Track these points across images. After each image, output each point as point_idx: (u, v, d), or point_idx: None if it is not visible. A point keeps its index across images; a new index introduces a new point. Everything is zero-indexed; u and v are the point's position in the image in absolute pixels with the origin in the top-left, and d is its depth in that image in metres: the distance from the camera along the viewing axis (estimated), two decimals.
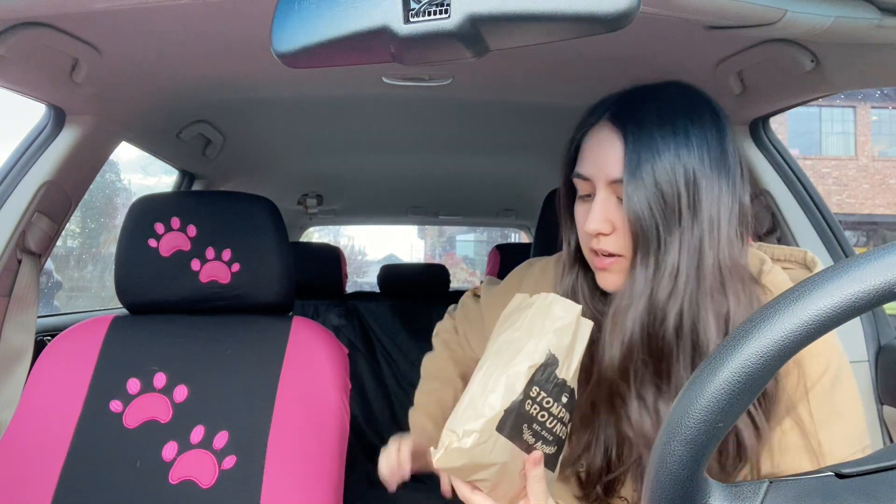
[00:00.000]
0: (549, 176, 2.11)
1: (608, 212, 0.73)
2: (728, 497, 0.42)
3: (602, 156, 0.74)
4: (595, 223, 0.73)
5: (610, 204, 0.73)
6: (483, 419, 0.62)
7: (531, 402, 0.64)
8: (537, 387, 0.64)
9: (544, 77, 1.31)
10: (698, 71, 1.17)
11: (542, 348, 0.65)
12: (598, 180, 0.74)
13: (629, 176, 0.70)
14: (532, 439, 0.65)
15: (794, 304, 0.38)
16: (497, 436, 0.63)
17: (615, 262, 0.74)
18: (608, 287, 0.77)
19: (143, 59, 1.15)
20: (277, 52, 0.58)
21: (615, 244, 0.73)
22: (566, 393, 0.66)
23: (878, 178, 14.52)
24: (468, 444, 0.62)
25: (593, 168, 0.74)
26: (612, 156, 0.72)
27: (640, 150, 0.70)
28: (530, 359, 0.64)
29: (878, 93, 13.07)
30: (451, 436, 0.63)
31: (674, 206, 0.70)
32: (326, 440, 1.06)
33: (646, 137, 0.71)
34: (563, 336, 0.66)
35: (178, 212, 1.16)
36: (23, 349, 1.20)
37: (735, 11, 0.71)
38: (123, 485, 1.01)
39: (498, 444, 0.63)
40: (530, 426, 0.65)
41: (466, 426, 0.63)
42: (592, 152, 0.75)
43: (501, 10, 0.53)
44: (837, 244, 1.31)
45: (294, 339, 1.14)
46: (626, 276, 0.74)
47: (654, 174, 0.70)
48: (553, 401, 0.65)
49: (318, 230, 8.66)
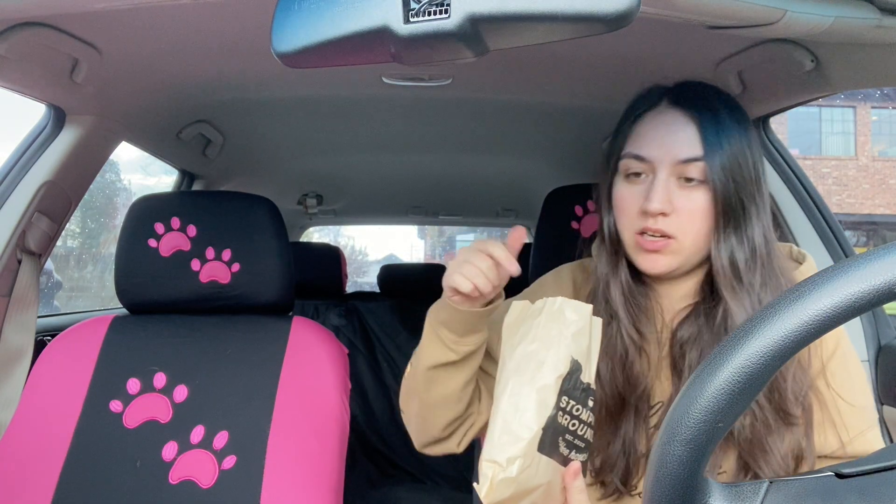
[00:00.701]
0: (549, 176, 2.11)
1: (669, 192, 0.75)
2: (728, 497, 0.42)
3: (670, 137, 0.76)
4: (659, 202, 0.74)
5: (671, 185, 0.75)
6: (524, 442, 0.60)
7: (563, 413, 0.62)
8: (566, 396, 0.62)
9: (544, 77, 1.31)
10: (698, 71, 1.17)
11: (565, 356, 0.63)
12: (661, 162, 0.76)
13: (713, 154, 0.73)
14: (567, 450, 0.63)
15: (794, 304, 0.38)
16: (539, 456, 0.60)
17: (668, 245, 0.75)
18: (656, 270, 0.77)
19: (143, 59, 1.15)
20: (277, 52, 0.58)
21: (672, 225, 0.75)
22: (591, 396, 0.65)
23: (878, 178, 14.52)
24: (514, 472, 0.59)
25: (657, 149, 0.76)
26: (683, 137, 0.75)
27: (717, 130, 0.74)
28: (556, 369, 0.62)
29: (878, 93, 13.06)
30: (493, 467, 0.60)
31: (747, 184, 0.75)
32: (326, 440, 1.06)
33: (721, 119, 0.75)
34: (581, 339, 0.65)
35: (178, 212, 1.16)
36: (23, 349, 1.20)
37: (735, 11, 0.71)
38: (123, 485, 1.01)
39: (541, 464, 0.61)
40: (564, 438, 0.63)
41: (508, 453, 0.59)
42: (656, 134, 0.77)
43: (501, 10, 0.53)
44: (837, 244, 1.31)
45: (294, 339, 1.14)
46: (676, 258, 0.76)
47: (732, 153, 0.74)
48: (582, 407, 0.64)
49: (318, 230, 8.66)
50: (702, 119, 0.75)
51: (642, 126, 0.79)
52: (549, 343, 0.64)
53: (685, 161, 0.75)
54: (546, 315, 0.66)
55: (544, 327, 0.65)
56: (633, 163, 0.78)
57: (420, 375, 0.81)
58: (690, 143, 0.75)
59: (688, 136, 0.75)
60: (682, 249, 0.76)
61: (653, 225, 0.75)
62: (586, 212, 1.30)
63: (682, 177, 0.75)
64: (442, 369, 0.79)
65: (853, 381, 0.78)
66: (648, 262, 0.77)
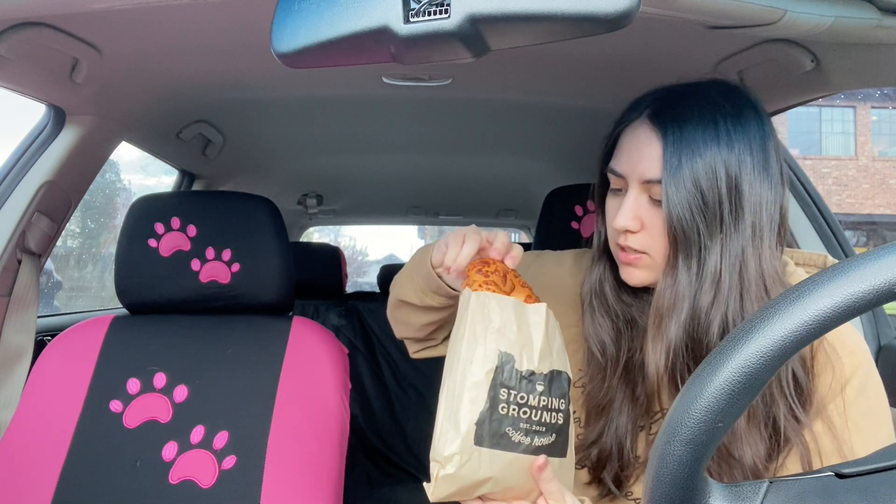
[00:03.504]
0: (549, 176, 2.11)
1: (639, 210, 0.73)
2: (728, 497, 0.42)
3: (637, 154, 0.73)
4: (624, 220, 0.73)
5: (641, 202, 0.73)
6: (459, 439, 0.62)
7: (504, 404, 0.64)
8: (504, 388, 0.64)
9: (544, 77, 1.31)
10: (698, 71, 1.17)
11: (492, 350, 0.65)
12: (631, 178, 0.74)
13: (669, 177, 0.69)
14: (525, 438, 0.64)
15: (794, 304, 0.38)
16: (479, 450, 0.62)
17: (640, 259, 0.75)
18: (631, 281, 0.77)
19: (142, 59, 1.15)
20: (277, 52, 0.58)
21: (641, 242, 0.74)
22: (540, 380, 0.66)
23: (878, 178, 14.52)
24: (452, 469, 0.62)
25: (627, 166, 0.74)
26: (649, 155, 0.72)
27: (680, 151, 0.69)
28: (483, 365, 0.64)
29: (878, 93, 13.07)
30: (435, 466, 0.63)
31: (715, 210, 0.69)
32: (326, 440, 1.06)
33: (687, 138, 0.69)
34: (508, 331, 0.66)
35: (178, 212, 1.16)
36: (23, 349, 1.20)
37: (735, 11, 0.71)
38: (123, 485, 1.01)
39: (483, 457, 0.63)
40: (516, 427, 0.64)
41: (446, 451, 0.62)
42: (628, 150, 0.75)
43: (501, 10, 0.53)
44: (837, 244, 1.31)
45: (294, 339, 1.14)
46: (651, 273, 0.75)
47: (694, 177, 0.68)
48: (527, 394, 0.65)
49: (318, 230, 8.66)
50: (665, 138, 0.71)
51: (622, 140, 0.77)
52: (475, 340, 0.66)
53: (648, 181, 0.72)
54: (472, 311, 0.67)
55: (470, 324, 0.67)
56: (612, 177, 0.77)
57: (392, 294, 0.90)
58: (653, 162, 0.71)
59: (651, 156, 0.72)
60: (656, 265, 0.74)
61: (623, 242, 0.75)
62: (586, 212, 1.30)
63: (651, 196, 0.73)
64: (405, 304, 0.85)
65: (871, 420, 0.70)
66: (626, 274, 0.77)
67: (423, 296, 0.82)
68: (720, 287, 0.69)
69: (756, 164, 0.70)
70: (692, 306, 0.70)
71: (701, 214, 0.69)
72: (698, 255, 0.70)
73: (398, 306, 0.89)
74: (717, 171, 0.69)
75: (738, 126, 0.70)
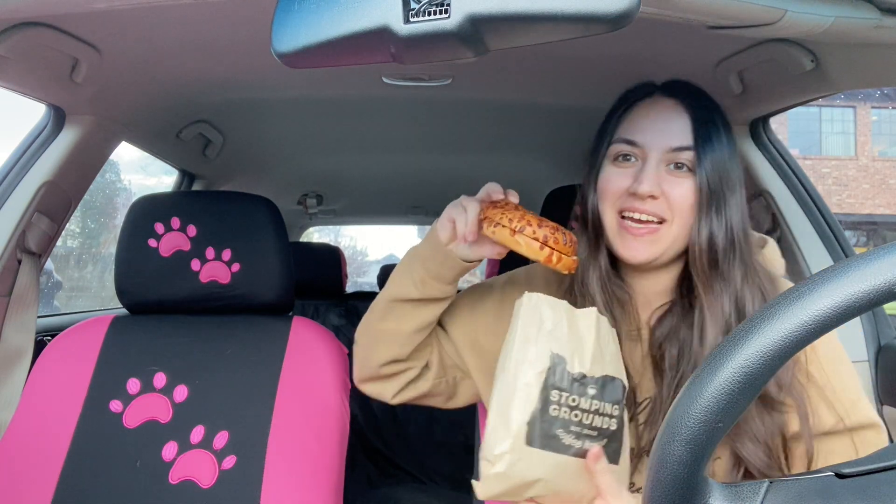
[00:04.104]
0: (549, 176, 2.11)
1: (659, 177, 0.78)
2: (728, 497, 0.42)
3: (662, 125, 0.79)
4: (649, 185, 0.76)
5: (661, 170, 0.78)
6: (510, 439, 0.63)
7: (556, 406, 0.64)
8: (556, 390, 0.64)
9: (544, 77, 1.31)
10: (698, 71, 1.17)
11: (544, 352, 0.65)
12: (652, 147, 0.78)
13: (700, 144, 0.77)
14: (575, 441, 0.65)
15: (794, 304, 0.38)
16: (530, 450, 0.63)
17: (657, 230, 0.78)
18: (637, 258, 0.78)
19: (143, 59, 1.15)
20: (277, 52, 0.58)
21: (659, 208, 0.77)
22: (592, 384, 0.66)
23: (878, 178, 14.52)
24: (502, 467, 0.62)
25: (649, 135, 0.79)
26: (677, 125, 0.79)
27: (707, 124, 0.78)
28: (534, 366, 0.64)
29: (878, 93, 13.06)
30: (485, 465, 0.64)
31: (730, 178, 0.78)
32: (326, 440, 1.06)
33: (709, 114, 0.79)
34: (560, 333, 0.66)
35: (178, 212, 1.16)
36: (23, 349, 1.20)
37: (735, 11, 0.71)
38: (123, 485, 1.01)
39: (533, 457, 0.63)
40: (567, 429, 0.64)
41: (497, 450, 0.63)
42: (650, 121, 0.80)
43: (501, 10, 0.53)
44: (837, 244, 1.31)
45: (294, 339, 1.14)
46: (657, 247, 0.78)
47: (718, 147, 0.77)
48: (578, 397, 0.65)
49: (318, 230, 8.65)
50: (695, 111, 0.79)
51: (635, 113, 0.82)
52: (527, 341, 0.67)
53: (677, 149, 0.78)
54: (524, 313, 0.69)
55: (523, 327, 0.68)
56: (625, 147, 0.80)
57: (380, 304, 0.87)
58: (683, 133, 0.78)
59: (680, 126, 0.79)
60: (668, 235, 0.78)
61: (640, 207, 0.77)
62: None
63: (671, 163, 0.78)
64: (400, 304, 0.84)
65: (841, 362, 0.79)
66: (631, 251, 0.79)
67: (424, 286, 0.82)
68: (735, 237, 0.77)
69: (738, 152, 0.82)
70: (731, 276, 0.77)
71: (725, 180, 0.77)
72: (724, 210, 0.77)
73: (388, 311, 0.85)
74: (729, 144, 0.79)
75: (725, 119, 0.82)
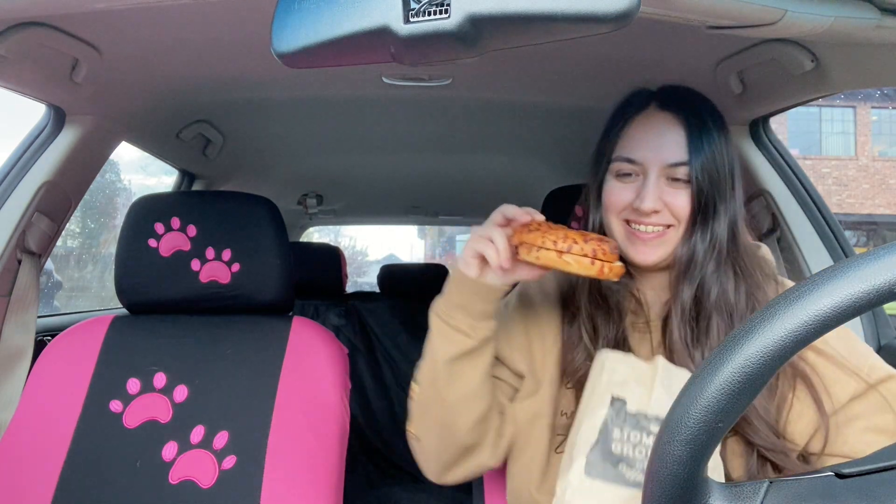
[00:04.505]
0: (549, 176, 2.11)
1: (660, 191, 0.80)
2: (728, 497, 0.42)
3: (658, 141, 0.80)
4: (652, 202, 0.79)
5: (661, 184, 0.80)
6: (571, 472, 0.69)
7: (617, 443, 0.69)
8: (617, 428, 0.70)
9: (544, 77, 1.31)
10: (698, 71, 1.17)
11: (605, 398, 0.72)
12: (651, 164, 0.80)
13: (694, 157, 0.78)
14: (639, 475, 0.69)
15: (794, 304, 0.38)
16: (591, 481, 0.68)
17: (662, 236, 0.80)
18: (648, 261, 0.81)
19: (143, 59, 1.15)
20: (277, 52, 0.58)
21: (665, 218, 0.80)
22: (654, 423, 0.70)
23: (878, 178, 14.51)
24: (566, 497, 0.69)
25: (647, 152, 0.80)
26: (671, 140, 0.80)
27: (701, 135, 0.79)
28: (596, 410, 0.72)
29: (878, 93, 13.06)
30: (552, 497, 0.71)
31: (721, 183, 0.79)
32: (326, 440, 1.06)
33: (702, 123, 0.80)
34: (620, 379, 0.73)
35: (178, 212, 1.16)
36: (23, 349, 1.20)
37: (735, 11, 0.71)
38: (123, 485, 1.01)
39: (594, 487, 0.68)
40: (630, 464, 0.69)
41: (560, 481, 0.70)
42: (646, 138, 0.81)
43: (501, 10, 0.53)
44: (837, 244, 1.31)
45: (294, 339, 1.14)
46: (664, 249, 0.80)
47: (711, 154, 0.79)
48: (640, 433, 0.70)
49: (318, 230, 8.65)
50: (688, 123, 0.80)
51: (632, 129, 0.83)
52: (593, 389, 0.74)
53: (673, 164, 0.79)
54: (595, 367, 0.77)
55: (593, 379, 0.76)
56: (625, 165, 0.82)
57: (440, 375, 0.79)
58: (678, 147, 0.79)
59: (675, 140, 0.79)
60: (676, 236, 0.80)
61: (645, 220, 0.80)
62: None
63: (669, 177, 0.80)
64: (460, 361, 0.78)
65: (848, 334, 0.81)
66: (641, 255, 0.81)
67: (476, 331, 0.78)
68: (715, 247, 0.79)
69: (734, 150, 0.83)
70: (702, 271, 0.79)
71: (716, 186, 0.79)
72: (711, 221, 0.79)
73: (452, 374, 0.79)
74: (722, 151, 0.80)
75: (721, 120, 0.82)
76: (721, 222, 0.79)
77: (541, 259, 0.72)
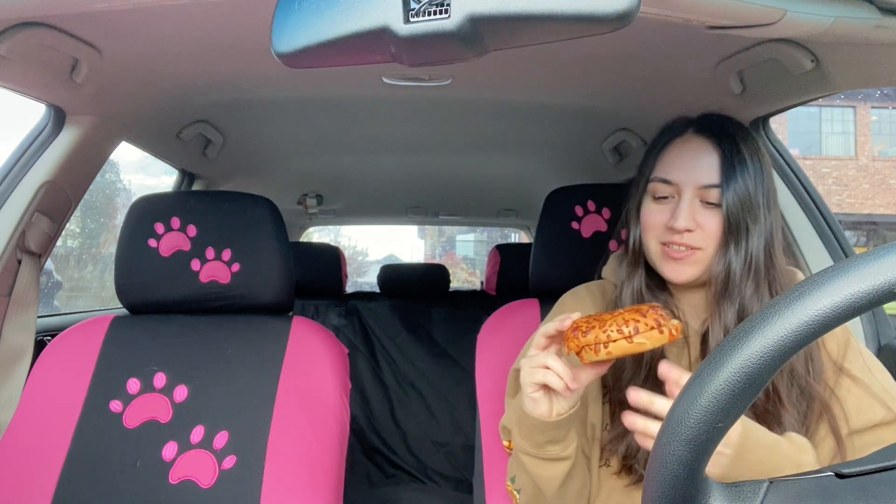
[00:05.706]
0: (550, 176, 2.11)
1: (693, 212, 0.83)
2: (728, 497, 0.42)
3: (693, 164, 0.84)
4: (685, 221, 0.82)
5: (695, 205, 0.84)
6: None
7: None
8: None
9: (544, 77, 1.31)
10: (698, 71, 1.17)
11: None
12: (686, 185, 0.84)
13: (726, 181, 0.82)
14: None
15: (794, 304, 0.38)
16: None
17: (693, 255, 0.84)
18: (680, 278, 0.85)
19: (143, 59, 1.15)
20: (277, 52, 0.58)
21: (696, 240, 0.83)
22: None
23: (878, 178, 14.51)
24: None
25: (682, 174, 0.85)
26: (706, 164, 0.83)
27: (734, 160, 0.82)
28: None
29: (878, 93, 13.06)
30: None
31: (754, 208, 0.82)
32: (326, 440, 1.06)
33: (736, 150, 0.83)
34: None
35: (178, 212, 1.16)
36: (23, 349, 1.20)
37: (735, 11, 0.71)
38: (123, 485, 1.01)
39: None
40: None
41: None
42: (682, 160, 0.86)
43: (501, 10, 0.53)
44: (837, 244, 1.31)
45: (294, 339, 1.14)
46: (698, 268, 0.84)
47: (744, 181, 0.82)
48: None
49: (318, 230, 8.66)
50: (722, 149, 0.83)
51: (669, 153, 0.87)
52: None
53: (706, 186, 0.83)
54: None
55: None
56: (661, 186, 0.86)
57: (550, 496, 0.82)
58: (711, 169, 0.83)
59: (709, 164, 0.83)
60: (706, 259, 0.84)
61: (678, 240, 0.84)
62: (586, 212, 1.30)
63: (703, 200, 0.84)
64: (564, 479, 0.82)
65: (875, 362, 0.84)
66: (674, 272, 0.85)
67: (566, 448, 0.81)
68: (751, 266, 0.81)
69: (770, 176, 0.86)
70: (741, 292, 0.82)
71: (748, 211, 0.82)
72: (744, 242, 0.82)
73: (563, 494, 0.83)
74: (756, 177, 0.83)
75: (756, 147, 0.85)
76: (754, 242, 0.82)
77: (613, 352, 0.70)
